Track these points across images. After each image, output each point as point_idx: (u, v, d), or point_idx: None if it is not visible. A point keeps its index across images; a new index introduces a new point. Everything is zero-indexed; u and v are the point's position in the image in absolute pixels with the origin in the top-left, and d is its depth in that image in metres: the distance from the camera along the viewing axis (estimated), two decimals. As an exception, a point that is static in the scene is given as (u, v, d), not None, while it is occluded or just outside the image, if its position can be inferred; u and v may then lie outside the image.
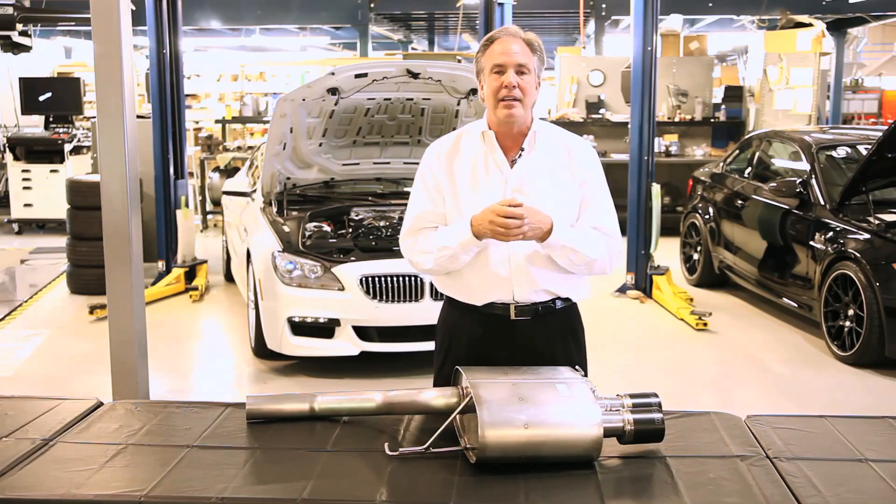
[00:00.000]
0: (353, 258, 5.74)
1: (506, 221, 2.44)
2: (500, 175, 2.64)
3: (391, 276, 5.60)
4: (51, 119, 11.71)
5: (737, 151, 8.63)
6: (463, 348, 2.72)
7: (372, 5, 15.53)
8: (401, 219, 6.48)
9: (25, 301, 7.88)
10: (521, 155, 2.65)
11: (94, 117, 10.21)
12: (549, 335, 2.70)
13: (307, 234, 6.07)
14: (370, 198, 6.82)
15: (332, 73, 5.93)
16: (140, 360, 4.14)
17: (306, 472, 2.21)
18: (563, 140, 2.72)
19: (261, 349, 5.92)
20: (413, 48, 23.01)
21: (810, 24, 12.34)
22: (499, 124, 2.64)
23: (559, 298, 2.70)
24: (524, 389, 2.30)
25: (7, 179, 11.59)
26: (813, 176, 6.91)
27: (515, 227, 2.45)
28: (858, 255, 5.99)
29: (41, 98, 11.57)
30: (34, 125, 12.25)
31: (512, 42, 2.59)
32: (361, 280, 5.59)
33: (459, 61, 11.09)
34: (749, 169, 8.08)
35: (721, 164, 8.68)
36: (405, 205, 7.53)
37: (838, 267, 6.17)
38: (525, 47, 2.60)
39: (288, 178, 6.63)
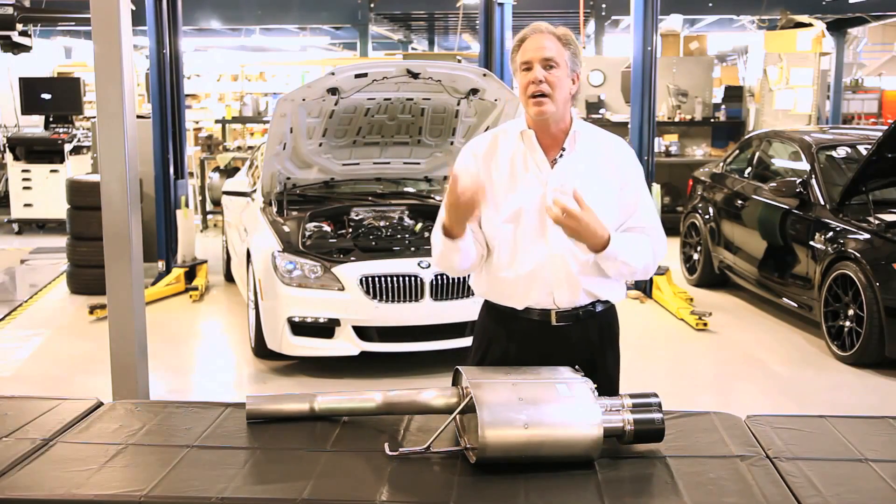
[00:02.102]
0: (353, 258, 5.74)
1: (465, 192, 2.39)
2: (539, 175, 2.59)
3: (391, 276, 5.60)
4: (51, 119, 11.71)
5: (737, 151, 8.62)
6: (499, 352, 2.69)
7: (372, 5, 15.54)
8: (401, 219, 6.50)
9: (25, 301, 7.88)
10: (561, 155, 2.61)
11: (94, 117, 10.21)
12: (588, 338, 2.67)
13: (307, 234, 6.07)
14: (370, 198, 6.82)
15: (332, 73, 5.92)
16: (140, 360, 4.15)
17: (306, 472, 2.21)
18: (602, 140, 2.68)
19: (261, 349, 5.92)
20: (413, 48, 23.01)
21: (810, 24, 12.34)
22: (535, 123, 2.60)
23: (599, 301, 2.67)
24: (524, 389, 2.30)
25: (7, 179, 11.59)
26: (813, 176, 6.91)
27: (563, 219, 2.40)
28: (858, 255, 5.99)
29: (44, 97, 11.56)
30: (34, 125, 12.25)
31: (541, 38, 2.57)
32: (361, 280, 5.59)
33: (459, 61, 11.09)
34: (749, 169, 8.08)
35: (721, 164, 8.67)
36: (405, 205, 7.53)
37: (838, 267, 6.17)
38: (555, 42, 2.56)
39: (288, 178, 6.63)
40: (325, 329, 5.65)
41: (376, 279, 5.59)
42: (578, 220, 2.42)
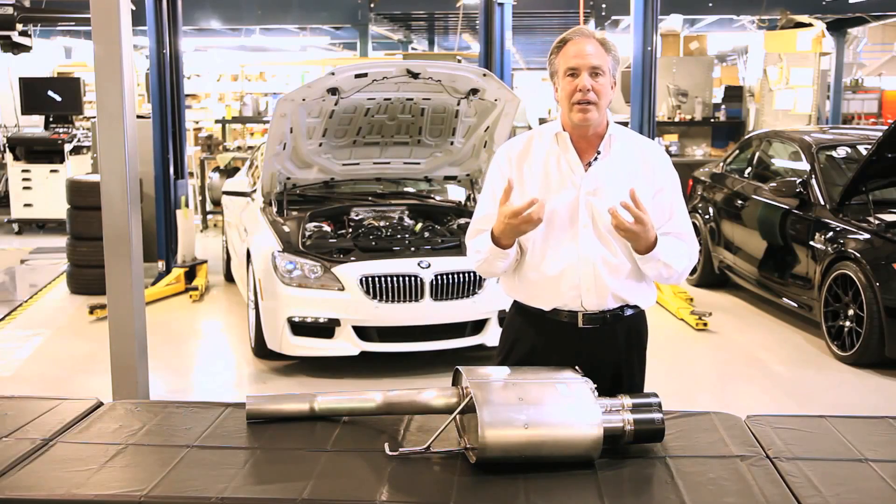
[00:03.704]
0: (353, 258, 5.74)
1: (526, 217, 2.42)
2: (573, 178, 2.59)
3: (391, 276, 5.60)
4: (51, 119, 11.71)
5: (737, 151, 8.62)
6: (524, 353, 2.69)
7: (372, 5, 15.52)
8: (401, 219, 6.50)
9: (25, 301, 7.88)
10: (596, 158, 2.60)
11: (94, 117, 10.21)
12: (616, 343, 2.67)
13: (307, 234, 6.07)
14: (370, 198, 6.82)
15: (332, 73, 5.92)
16: (140, 360, 4.15)
17: (306, 472, 2.21)
18: (638, 145, 2.68)
19: (261, 349, 5.92)
20: (413, 48, 22.98)
21: (810, 24, 12.35)
22: (574, 127, 2.59)
23: (628, 306, 2.66)
24: (524, 389, 2.30)
25: (7, 179, 11.59)
26: (813, 176, 6.91)
27: (632, 226, 2.44)
28: (858, 255, 5.99)
29: (51, 96, 11.57)
30: (34, 125, 12.25)
31: (586, 43, 2.54)
32: (361, 280, 5.59)
33: (459, 61, 11.09)
34: (749, 169, 8.08)
35: (721, 164, 8.68)
36: (405, 205, 7.53)
37: (838, 267, 6.17)
38: (599, 48, 2.55)
39: (288, 178, 6.63)
40: (325, 329, 5.65)
41: (376, 279, 5.59)
42: (643, 225, 2.45)
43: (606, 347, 2.65)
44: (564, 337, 2.63)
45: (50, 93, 11.60)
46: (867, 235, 6.12)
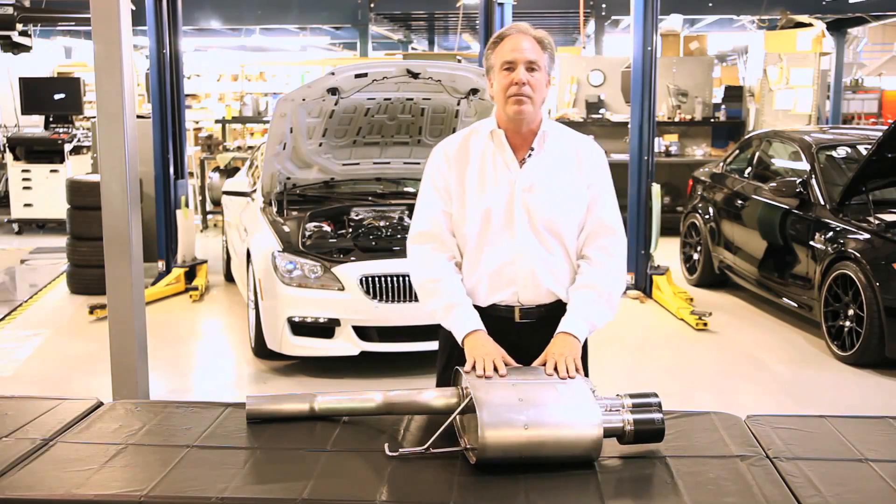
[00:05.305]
0: (353, 258, 5.74)
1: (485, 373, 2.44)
2: (508, 174, 2.63)
3: (391, 276, 5.60)
4: (51, 119, 11.71)
5: (737, 151, 8.63)
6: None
7: (372, 5, 15.53)
8: (400, 219, 6.49)
9: (25, 301, 7.88)
10: (530, 154, 2.64)
11: (94, 117, 10.21)
12: (552, 337, 2.67)
13: (307, 234, 6.07)
14: (370, 198, 6.82)
15: (332, 73, 5.93)
16: (140, 360, 4.15)
17: (306, 472, 2.21)
18: (572, 141, 2.71)
19: (261, 349, 5.92)
20: (413, 48, 23.01)
21: (810, 24, 12.35)
22: (508, 122, 2.63)
23: (563, 302, 2.67)
24: (524, 390, 2.30)
25: (7, 179, 11.59)
26: (813, 176, 6.91)
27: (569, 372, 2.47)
28: (858, 255, 5.99)
29: (57, 97, 11.57)
30: (34, 125, 12.25)
31: (522, 39, 2.59)
32: (361, 280, 5.59)
33: (459, 61, 11.09)
34: (749, 169, 8.08)
35: (721, 164, 8.68)
36: (405, 205, 7.53)
37: (838, 267, 6.17)
38: (535, 44, 2.59)
39: (288, 178, 6.63)
40: (325, 329, 5.65)
41: (376, 279, 5.59)
42: (570, 363, 2.46)
43: (545, 342, 2.62)
44: (503, 332, 2.62)
45: (56, 95, 11.60)
46: (867, 235, 6.12)
